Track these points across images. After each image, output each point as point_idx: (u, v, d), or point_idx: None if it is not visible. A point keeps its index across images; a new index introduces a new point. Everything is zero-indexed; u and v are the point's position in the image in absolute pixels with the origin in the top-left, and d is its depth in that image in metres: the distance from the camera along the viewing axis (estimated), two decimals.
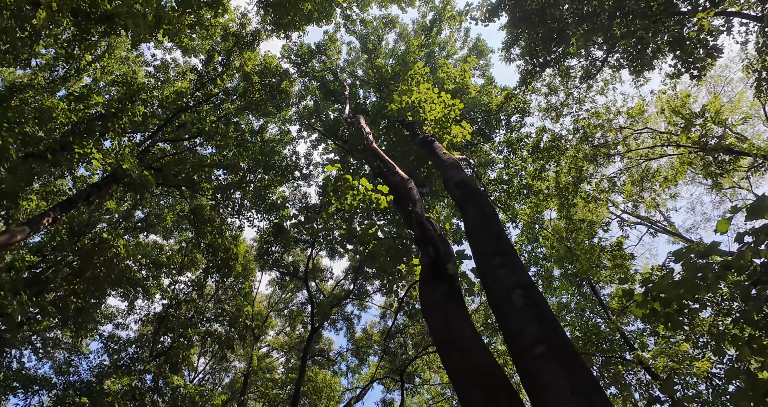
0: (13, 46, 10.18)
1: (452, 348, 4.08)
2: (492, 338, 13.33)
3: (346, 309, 17.66)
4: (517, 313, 3.75)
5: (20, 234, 10.32)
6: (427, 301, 4.89)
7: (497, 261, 4.33)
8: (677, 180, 9.51)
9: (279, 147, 17.61)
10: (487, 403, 3.52)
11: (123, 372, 16.89)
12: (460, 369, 3.85)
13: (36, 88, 18.76)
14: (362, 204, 7.37)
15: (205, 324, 20.37)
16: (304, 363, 15.34)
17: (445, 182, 6.34)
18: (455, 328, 4.31)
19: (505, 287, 4.01)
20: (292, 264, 16.95)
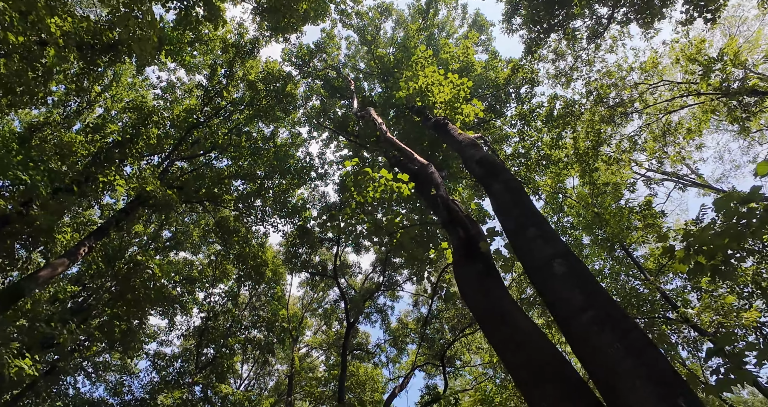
0: (28, 87, 10.44)
1: (496, 323, 4.05)
2: (528, 313, 13.23)
3: (379, 301, 17.81)
4: (559, 282, 3.69)
5: (61, 267, 10.67)
6: (464, 282, 4.87)
7: (532, 233, 4.26)
8: (701, 130, 9.17)
9: (292, 150, 17.72)
10: (537, 374, 3.49)
11: (172, 387, 17.40)
12: (506, 343, 3.82)
13: (53, 124, 19.27)
14: (384, 195, 7.35)
15: (244, 332, 20.79)
16: (344, 358, 15.51)
17: (465, 162, 6.27)
18: (497, 304, 4.28)
19: (543, 257, 3.95)
20: (320, 263, 17.10)
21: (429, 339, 15.78)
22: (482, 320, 4.21)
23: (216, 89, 16.91)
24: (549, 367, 3.49)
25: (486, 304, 4.28)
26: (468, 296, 4.69)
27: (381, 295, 17.64)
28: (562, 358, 3.69)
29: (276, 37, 16.69)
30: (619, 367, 2.94)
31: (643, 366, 2.89)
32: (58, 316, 11.11)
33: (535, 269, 4.00)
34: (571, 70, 10.07)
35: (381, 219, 7.98)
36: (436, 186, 5.77)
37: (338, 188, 18.01)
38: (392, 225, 7.60)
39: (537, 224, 4.38)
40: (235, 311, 20.28)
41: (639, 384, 2.78)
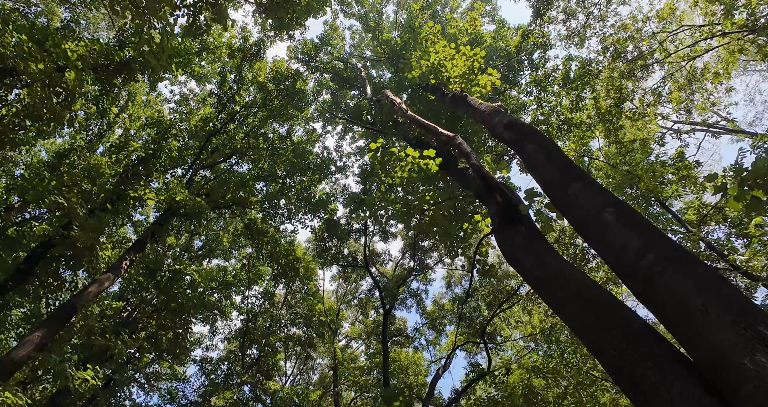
0: (53, 112, 10.69)
1: (554, 281, 3.99)
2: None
3: (412, 286, 17.84)
4: (613, 230, 3.60)
5: (107, 282, 10.99)
6: (510, 246, 4.81)
7: (576, 188, 4.17)
8: (729, 71, 8.78)
9: (309, 147, 17.80)
10: (603, 324, 3.42)
11: (222, 388, 17.84)
12: (567, 300, 3.77)
13: (78, 150, 19.78)
14: (412, 174, 7.30)
15: (284, 329, 21.13)
16: (385, 344, 15.63)
17: (491, 129, 6.16)
18: (550, 263, 4.21)
19: (592, 209, 3.87)
20: (350, 255, 17.19)
21: (467, 318, 15.76)
22: (538, 280, 4.15)
23: (228, 95, 17.05)
24: (613, 316, 3.43)
25: (540, 265, 4.22)
26: (517, 260, 4.63)
27: (413, 280, 17.67)
28: (623, 306, 3.62)
29: (280, 36, 16.69)
30: (691, 305, 2.86)
31: (717, 300, 2.80)
32: (110, 329, 11.47)
33: (585, 222, 3.92)
34: (584, 28, 9.75)
35: (411, 200, 7.94)
36: (466, 155, 5.69)
37: (359, 179, 18.03)
38: (423, 203, 7.56)
39: (579, 178, 4.28)
40: (272, 310, 20.61)
41: (715, 318, 2.70)
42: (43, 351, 9.30)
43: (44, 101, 10.37)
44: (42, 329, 9.16)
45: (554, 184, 4.45)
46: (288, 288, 21.69)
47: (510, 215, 5.10)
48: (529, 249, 4.48)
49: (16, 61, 10.20)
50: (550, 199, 4.53)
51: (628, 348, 3.13)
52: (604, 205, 3.80)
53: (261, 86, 16.87)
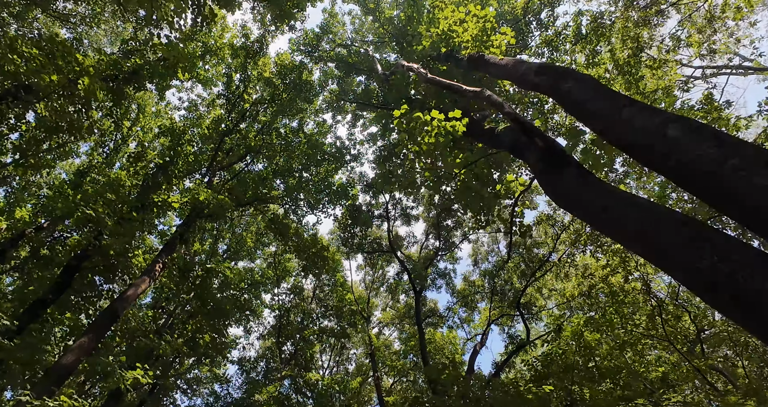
0: (71, 121, 10.65)
1: (626, 208, 3.74)
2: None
3: (440, 266, 17.64)
4: (682, 144, 3.35)
5: (143, 285, 10.99)
6: (562, 186, 4.57)
7: (630, 111, 3.91)
8: (753, 4, 8.33)
9: (321, 139, 17.64)
10: (689, 244, 3.17)
11: (262, 384, 17.91)
12: (646, 222, 3.50)
13: (97, 167, 19.86)
14: (439, 138, 7.06)
15: (316, 322, 21.12)
16: (420, 326, 15.48)
17: (520, 79, 5.89)
18: (617, 192, 3.97)
19: (654, 128, 3.61)
20: (374, 241, 17.03)
21: (499, 291, 15.52)
22: (606, 211, 3.89)
23: (236, 94, 16.95)
24: (696, 232, 3.17)
25: (605, 195, 3.97)
26: (574, 198, 4.40)
27: (440, 260, 17.48)
28: (702, 223, 3.36)
29: (281, 28, 16.53)
30: None
31: None
32: (152, 330, 11.50)
33: (648, 143, 3.65)
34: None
35: (440, 166, 7.70)
36: (498, 105, 5.44)
37: (375, 165, 17.83)
38: (455, 167, 7.32)
39: (630, 103, 4.02)
40: (303, 305, 20.61)
41: None
42: (91, 356, 9.32)
43: (61, 112, 10.33)
44: (87, 335, 9.15)
45: (604, 112, 4.18)
46: (316, 281, 21.66)
47: (554, 158, 4.86)
48: (586, 184, 4.24)
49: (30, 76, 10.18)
50: (602, 129, 4.26)
51: (721, 262, 2.90)
52: (667, 121, 3.54)
53: (267, 82, 16.73)
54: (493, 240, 18.44)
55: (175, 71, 16.15)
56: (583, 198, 4.16)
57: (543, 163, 4.94)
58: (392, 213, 17.39)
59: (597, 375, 6.39)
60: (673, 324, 10.60)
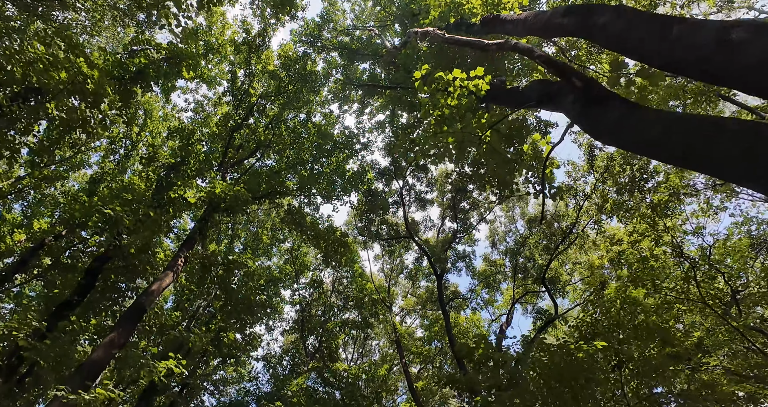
0: (83, 117, 10.53)
1: (678, 130, 3.47)
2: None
3: (458, 249, 17.37)
4: (745, 44, 3.07)
5: (167, 278, 10.87)
6: (606, 121, 4.30)
7: (679, 30, 3.62)
8: None
9: (329, 128, 17.44)
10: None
11: (288, 378, 17.79)
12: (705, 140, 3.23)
13: (110, 173, 19.83)
14: (462, 99, 6.80)
15: (338, 315, 20.96)
16: (444, 308, 15.24)
17: (545, 27, 5.61)
18: (666, 116, 3.70)
19: (711, 37, 3.32)
20: (391, 227, 16.81)
21: (522, 269, 15.23)
22: (668, 132, 3.61)
23: (242, 90, 16.80)
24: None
25: (662, 118, 3.70)
26: (620, 131, 4.13)
27: (459, 242, 17.20)
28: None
29: (282, 20, 16.36)
30: None
31: None
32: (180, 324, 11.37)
33: (706, 55, 3.38)
34: None
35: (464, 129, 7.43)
36: (528, 51, 5.17)
37: (385, 153, 17.60)
38: (480, 129, 7.05)
39: (680, 22, 3.73)
40: (324, 298, 20.45)
41: None
42: (122, 350, 9.20)
43: (72, 109, 10.20)
44: (116, 330, 9.04)
45: (651, 36, 3.89)
46: (335, 274, 21.50)
47: (595, 95, 4.58)
48: (633, 113, 3.96)
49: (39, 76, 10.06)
50: (649, 55, 3.98)
51: None
52: (728, 27, 3.25)
53: (272, 75, 16.57)
54: (510, 220, 18.14)
55: (180, 70, 16.04)
56: (634, 126, 3.88)
57: (582, 103, 4.67)
58: (406, 198, 17.15)
59: (645, 333, 6.11)
60: (706, 286, 10.27)
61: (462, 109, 6.88)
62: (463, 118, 7.06)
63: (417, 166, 17.12)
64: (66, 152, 22.63)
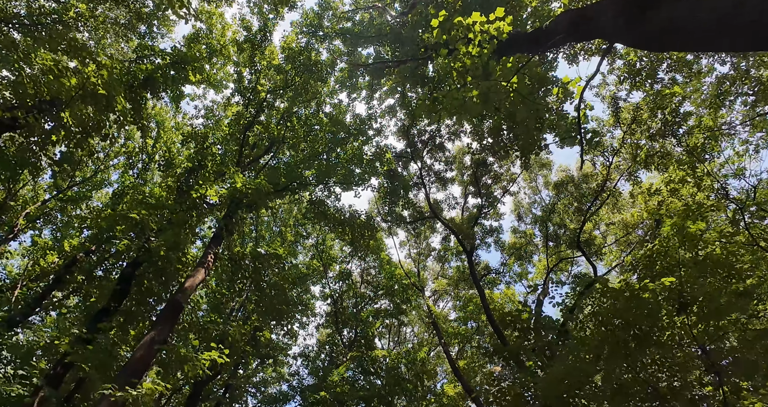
0: (97, 120, 10.38)
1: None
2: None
3: (485, 224, 16.85)
4: None
5: (199, 275, 10.71)
6: (661, 21, 3.83)
7: None
8: None
9: (341, 116, 17.14)
10: None
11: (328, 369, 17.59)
12: None
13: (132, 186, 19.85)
14: (484, 47, 6.36)
15: (370, 304, 20.70)
16: (478, 285, 14.80)
17: None
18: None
19: None
20: (415, 209, 16.39)
21: (554, 236, 14.67)
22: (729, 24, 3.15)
23: (249, 88, 16.60)
24: None
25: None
26: (680, 29, 3.66)
27: (484, 217, 16.68)
28: None
29: (280, 12, 16.10)
30: None
31: None
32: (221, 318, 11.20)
33: None
34: None
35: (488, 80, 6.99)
36: None
37: (399, 137, 17.21)
38: (504, 75, 6.60)
39: None
40: (354, 288, 20.20)
41: None
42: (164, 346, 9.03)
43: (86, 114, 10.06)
44: (156, 328, 8.88)
45: None
46: (362, 264, 21.24)
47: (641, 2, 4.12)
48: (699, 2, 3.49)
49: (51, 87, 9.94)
50: None
51: None
52: None
53: (278, 69, 16.33)
54: (534, 191, 17.56)
55: (186, 75, 15.89)
56: (694, 14, 3.41)
57: (626, 15, 4.21)
58: (426, 179, 16.74)
59: (709, 269, 5.60)
60: (757, 228, 9.62)
61: (485, 57, 6.44)
62: (486, 67, 6.62)
63: (434, 146, 16.69)
64: (87, 172, 22.86)
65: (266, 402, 17.36)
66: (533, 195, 17.65)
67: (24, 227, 20.92)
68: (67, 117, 10.54)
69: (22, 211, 21.15)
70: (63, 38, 9.35)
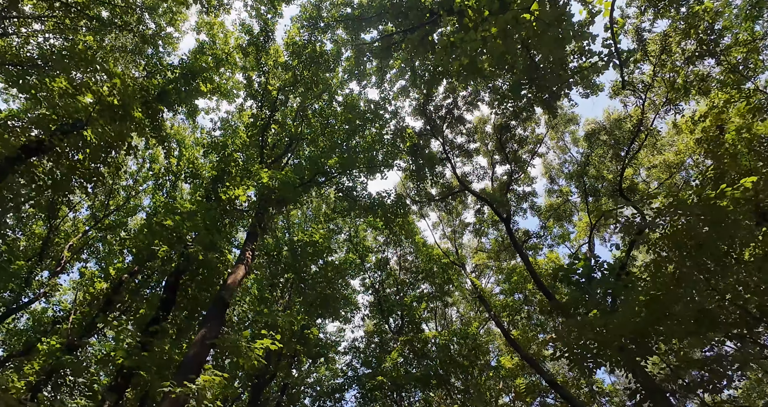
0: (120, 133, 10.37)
1: None
2: None
3: (518, 190, 16.15)
4: None
5: (240, 271, 10.58)
6: None
7: None
8: None
9: (356, 102, 16.84)
10: None
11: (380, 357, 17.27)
12: None
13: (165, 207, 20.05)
14: None
15: (412, 288, 20.28)
16: (521, 251, 14.17)
17: None
18: None
19: None
20: (443, 185, 15.89)
21: (592, 190, 13.85)
22: None
23: (260, 90, 16.52)
24: None
25: None
26: None
27: (516, 182, 15.98)
28: None
29: (279, 9, 15.95)
30: None
31: None
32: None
33: None
34: None
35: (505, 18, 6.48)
36: None
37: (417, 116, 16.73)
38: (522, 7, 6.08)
39: None
40: (395, 274, 19.84)
41: None
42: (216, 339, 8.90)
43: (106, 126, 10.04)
44: (206, 325, 8.74)
45: None
46: (398, 251, 20.85)
47: None
48: None
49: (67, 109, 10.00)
50: None
51: None
52: None
53: (285, 66, 16.19)
54: (562, 150, 16.74)
55: (198, 86, 15.93)
56: None
57: None
58: (450, 154, 16.22)
59: None
60: None
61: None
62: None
63: (453, 119, 16.15)
64: (119, 199, 23.40)
65: (324, 394, 17.18)
66: (562, 155, 16.85)
67: (70, 259, 21.51)
68: (89, 134, 10.58)
69: (66, 244, 21.77)
70: (73, 52, 9.37)
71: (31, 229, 23.48)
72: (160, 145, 15.77)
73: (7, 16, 14.34)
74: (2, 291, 19.12)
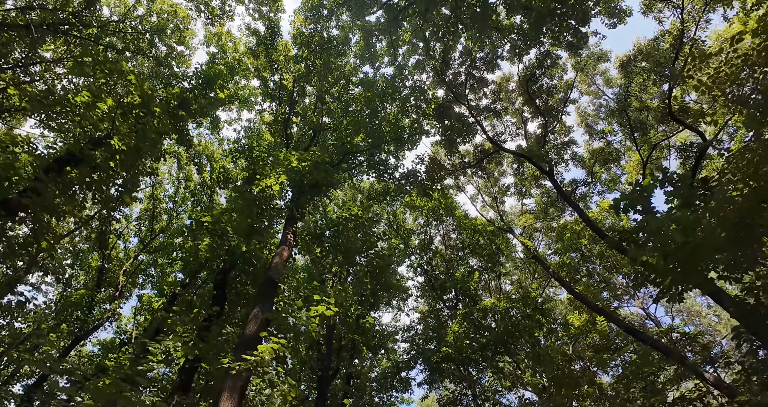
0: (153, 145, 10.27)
1: None
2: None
3: (555, 142, 14.99)
4: None
5: (285, 252, 10.20)
6: None
7: None
8: None
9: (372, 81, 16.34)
10: None
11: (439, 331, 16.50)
12: None
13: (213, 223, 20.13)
14: None
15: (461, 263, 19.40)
16: (571, 202, 13.09)
17: None
18: None
19: None
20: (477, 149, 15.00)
21: (636, 124, 12.54)
22: None
23: (276, 88, 16.35)
24: None
25: None
26: None
27: (551, 133, 14.86)
28: None
29: (280, 7, 15.79)
30: None
31: None
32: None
33: None
34: None
35: None
36: None
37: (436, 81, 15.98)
38: None
39: None
40: (442, 251, 19.03)
41: None
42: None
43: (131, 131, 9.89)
44: (258, 304, 8.34)
45: None
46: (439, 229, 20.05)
47: None
48: None
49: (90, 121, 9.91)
50: None
51: None
52: None
53: (296, 58, 15.95)
54: (595, 95, 15.50)
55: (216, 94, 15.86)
56: None
57: None
58: (478, 118, 15.36)
59: None
60: None
61: None
62: None
63: (474, 81, 15.31)
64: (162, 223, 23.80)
65: (391, 374, 16.49)
66: (596, 100, 15.59)
67: (125, 283, 21.96)
68: (116, 142, 10.47)
69: (120, 270, 22.28)
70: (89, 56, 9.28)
71: (87, 264, 24.18)
72: (191, 163, 15.78)
73: (31, 62, 14.75)
74: (70, 320, 19.64)
